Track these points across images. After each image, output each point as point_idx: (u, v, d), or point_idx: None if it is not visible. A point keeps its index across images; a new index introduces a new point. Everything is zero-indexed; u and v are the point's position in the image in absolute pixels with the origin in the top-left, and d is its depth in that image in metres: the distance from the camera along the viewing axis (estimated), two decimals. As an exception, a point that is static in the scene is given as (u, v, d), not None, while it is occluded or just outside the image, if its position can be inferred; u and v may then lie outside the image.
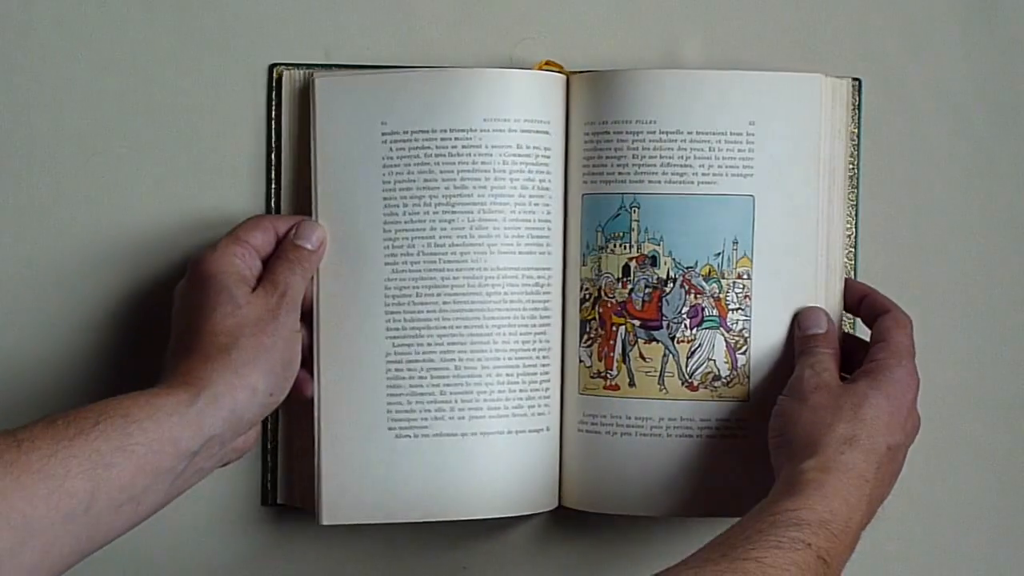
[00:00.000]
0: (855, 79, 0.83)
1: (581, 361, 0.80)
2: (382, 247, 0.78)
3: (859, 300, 0.79)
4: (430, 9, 0.83)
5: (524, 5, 0.84)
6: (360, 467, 0.78)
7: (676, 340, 0.78)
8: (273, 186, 0.82)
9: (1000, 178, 0.86)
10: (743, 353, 0.78)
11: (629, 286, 0.79)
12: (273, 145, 0.82)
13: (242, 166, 0.82)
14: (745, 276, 0.78)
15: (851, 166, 0.83)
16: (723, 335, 0.78)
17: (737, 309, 0.78)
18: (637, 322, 0.79)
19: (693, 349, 0.78)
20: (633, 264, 0.78)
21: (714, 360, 0.78)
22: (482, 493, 0.78)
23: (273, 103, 0.82)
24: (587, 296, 0.80)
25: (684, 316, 0.78)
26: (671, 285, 0.78)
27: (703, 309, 0.78)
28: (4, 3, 0.81)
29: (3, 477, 0.60)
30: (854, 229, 0.83)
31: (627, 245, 0.78)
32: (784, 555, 0.62)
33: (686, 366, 0.78)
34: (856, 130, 0.83)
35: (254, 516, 0.83)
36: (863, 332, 0.81)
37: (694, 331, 0.78)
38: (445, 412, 0.78)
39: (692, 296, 0.78)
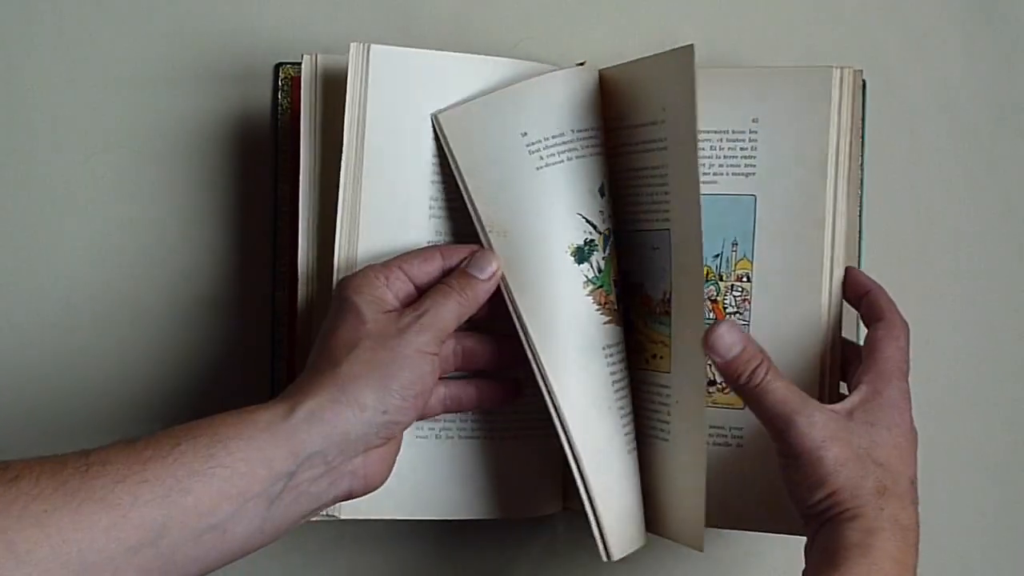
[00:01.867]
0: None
1: None
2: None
3: (860, 297, 0.75)
4: (431, 9, 0.84)
5: (524, 5, 0.84)
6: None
7: None
8: (280, 186, 0.82)
9: (1000, 178, 0.86)
10: None
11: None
12: (279, 145, 0.82)
13: (246, 165, 0.83)
14: (744, 279, 0.76)
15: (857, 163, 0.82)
16: None
17: (735, 313, 0.76)
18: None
19: None
20: None
21: (709, 365, 0.75)
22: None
23: (279, 102, 0.82)
24: None
25: None
26: None
27: None
28: (4, 3, 0.82)
29: (62, 507, 0.56)
30: (858, 226, 0.83)
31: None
32: None
33: None
34: (861, 127, 0.83)
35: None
36: (862, 333, 0.81)
37: None
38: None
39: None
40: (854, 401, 0.68)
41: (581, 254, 0.74)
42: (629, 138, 0.76)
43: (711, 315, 0.76)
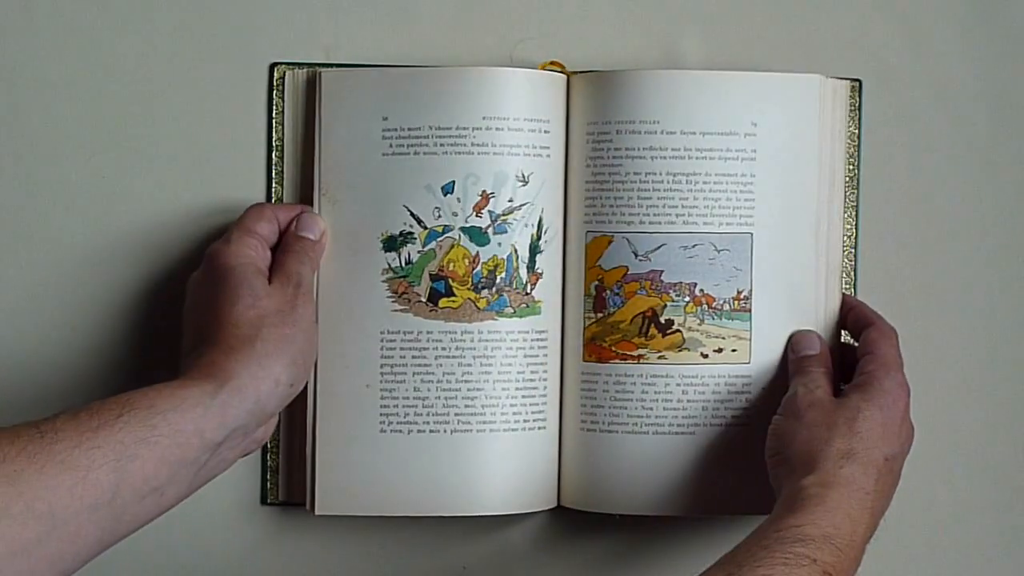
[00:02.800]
0: (855, 80, 0.83)
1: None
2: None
3: (845, 314, 0.80)
4: (431, 9, 0.83)
5: (524, 5, 0.84)
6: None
7: None
8: (275, 185, 0.82)
9: (1000, 178, 0.86)
10: None
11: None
12: (275, 144, 0.82)
13: (243, 165, 0.82)
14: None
15: (851, 167, 0.82)
16: None
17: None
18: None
19: None
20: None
21: None
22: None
23: (275, 102, 0.82)
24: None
25: None
26: None
27: None
28: (4, 3, 0.81)
29: (27, 468, 0.60)
30: (854, 230, 0.83)
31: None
32: (790, 571, 0.62)
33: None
34: (856, 131, 0.83)
35: (254, 515, 0.83)
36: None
37: None
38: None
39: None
40: (853, 385, 0.75)
41: (391, 243, 0.79)
42: (684, 143, 0.78)
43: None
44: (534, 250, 0.79)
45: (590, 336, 0.80)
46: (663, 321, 0.79)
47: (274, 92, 0.82)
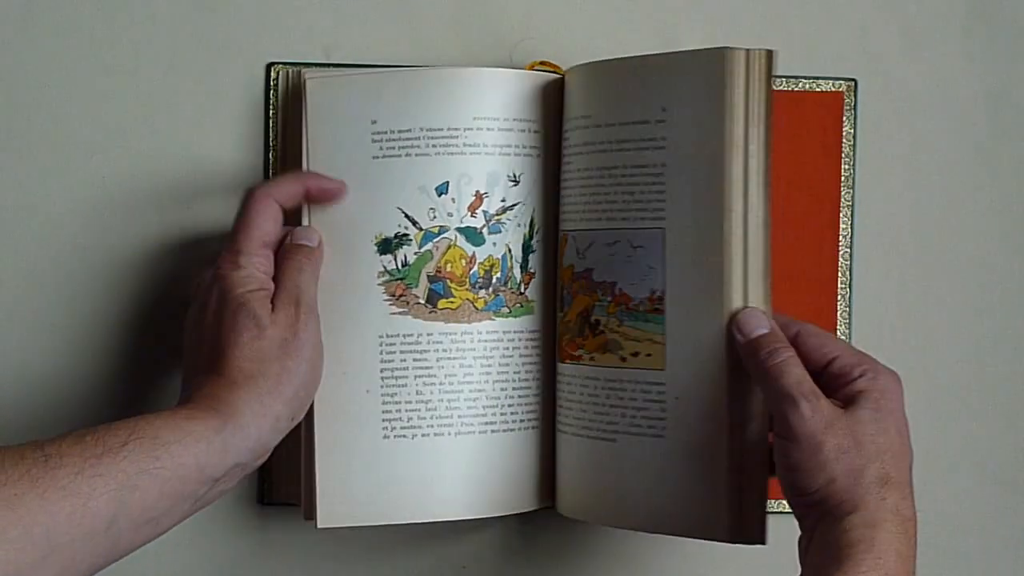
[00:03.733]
0: (849, 80, 0.83)
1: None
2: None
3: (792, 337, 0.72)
4: (430, 9, 0.84)
5: (524, 5, 0.84)
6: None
7: None
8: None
9: (998, 179, 0.86)
10: None
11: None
12: (271, 145, 0.82)
13: (241, 165, 0.83)
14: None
15: (847, 167, 0.82)
16: None
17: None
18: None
19: None
20: None
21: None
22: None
23: (271, 102, 0.82)
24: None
25: None
26: None
27: None
28: (4, 3, 0.81)
29: (29, 492, 0.60)
30: (850, 230, 0.83)
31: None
32: None
33: None
34: (852, 130, 0.83)
35: (251, 515, 0.84)
36: (858, 337, 0.81)
37: None
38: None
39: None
40: (857, 390, 0.68)
41: (386, 246, 0.78)
42: (606, 136, 0.75)
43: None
44: (527, 249, 0.80)
45: (560, 336, 0.79)
46: (592, 321, 0.77)
47: (271, 92, 0.82)
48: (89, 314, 0.82)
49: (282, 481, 0.83)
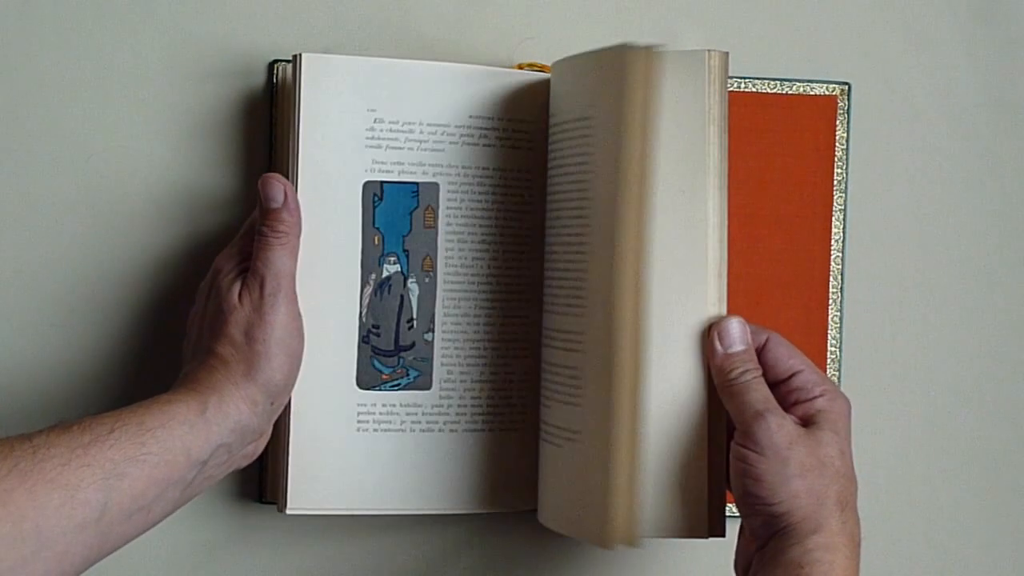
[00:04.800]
0: (843, 83, 0.82)
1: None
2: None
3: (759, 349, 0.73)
4: (432, 9, 0.84)
5: (525, 5, 0.84)
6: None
7: None
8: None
9: (1000, 179, 0.86)
10: None
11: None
12: (274, 142, 0.82)
13: (244, 163, 0.83)
14: None
15: (839, 170, 0.82)
16: None
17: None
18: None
19: None
20: None
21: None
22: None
23: (275, 100, 0.82)
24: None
25: None
26: None
27: None
28: (4, 3, 0.81)
29: (18, 487, 0.60)
30: (842, 233, 0.83)
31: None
32: None
33: None
34: (845, 135, 0.83)
35: (252, 514, 0.84)
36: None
37: None
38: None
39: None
40: (816, 408, 0.70)
41: None
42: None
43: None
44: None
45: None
46: None
47: (274, 90, 0.82)
48: (88, 309, 0.83)
49: (272, 480, 0.82)
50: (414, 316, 0.79)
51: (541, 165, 0.80)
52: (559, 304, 0.76)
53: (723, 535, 0.73)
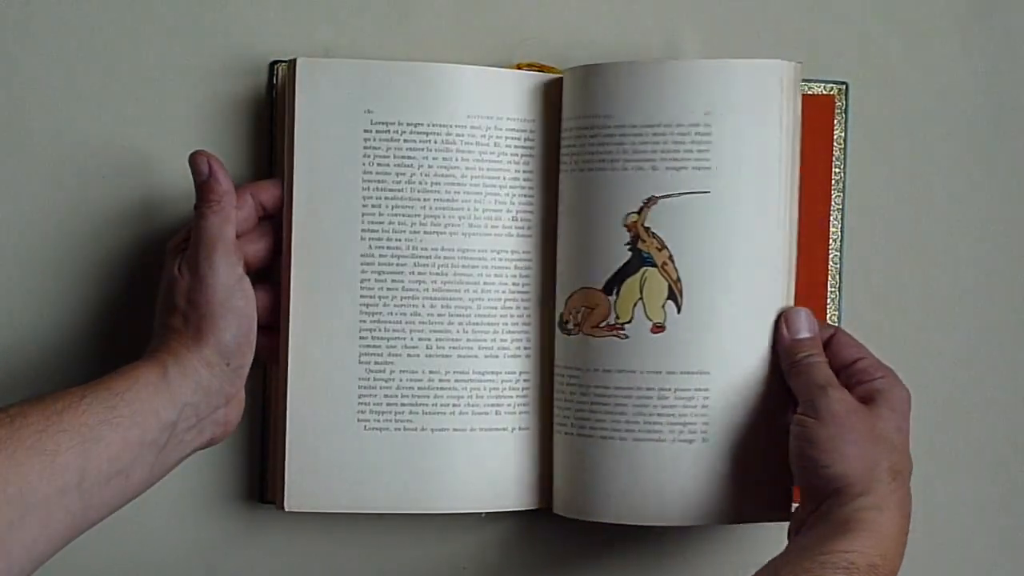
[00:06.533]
0: (841, 83, 0.83)
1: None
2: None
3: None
4: (432, 9, 0.84)
5: (525, 5, 0.84)
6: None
7: None
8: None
9: (999, 179, 0.86)
10: None
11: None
12: (275, 142, 0.82)
13: (245, 163, 0.83)
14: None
15: (838, 170, 0.82)
16: None
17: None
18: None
19: None
20: None
21: None
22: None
23: (274, 99, 0.82)
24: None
25: None
26: None
27: None
28: (4, 3, 0.82)
29: None
30: (839, 233, 0.83)
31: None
32: None
33: None
34: (843, 134, 0.83)
35: (251, 513, 0.84)
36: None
37: None
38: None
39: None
40: (876, 388, 0.73)
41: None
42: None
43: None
44: None
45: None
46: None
47: (274, 91, 0.82)
48: (88, 308, 0.83)
49: (270, 480, 0.82)
50: (414, 315, 0.80)
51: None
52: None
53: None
